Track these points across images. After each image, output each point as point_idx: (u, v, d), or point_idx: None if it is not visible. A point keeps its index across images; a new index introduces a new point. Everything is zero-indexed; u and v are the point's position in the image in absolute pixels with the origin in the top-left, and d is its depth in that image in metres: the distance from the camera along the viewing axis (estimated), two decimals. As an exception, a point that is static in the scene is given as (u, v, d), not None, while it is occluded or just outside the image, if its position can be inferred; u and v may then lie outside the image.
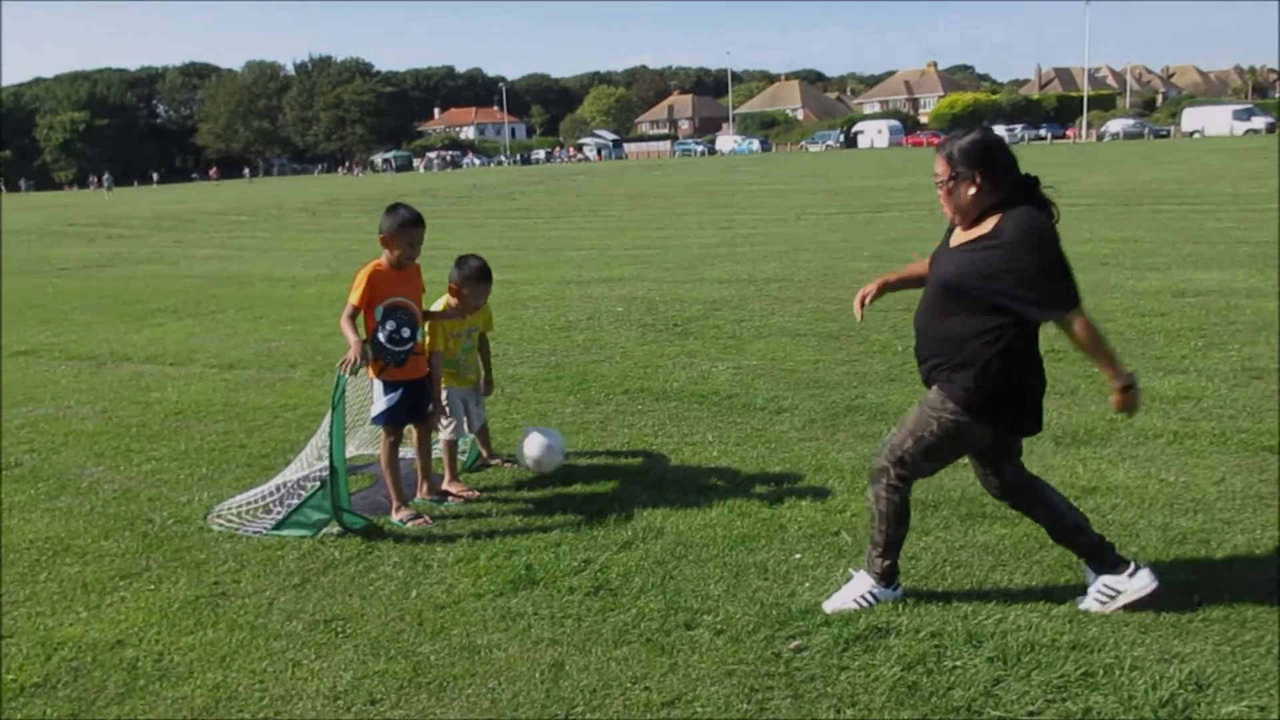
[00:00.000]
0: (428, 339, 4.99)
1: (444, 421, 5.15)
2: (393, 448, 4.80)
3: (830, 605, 3.66)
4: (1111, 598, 3.54)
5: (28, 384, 8.23)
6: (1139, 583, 3.52)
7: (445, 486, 5.12)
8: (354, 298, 4.64)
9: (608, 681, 3.25)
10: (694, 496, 4.86)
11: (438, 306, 5.16)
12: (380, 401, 4.75)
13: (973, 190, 3.33)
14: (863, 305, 3.80)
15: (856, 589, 3.67)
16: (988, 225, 3.33)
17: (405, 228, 4.70)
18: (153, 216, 33.42)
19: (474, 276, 5.13)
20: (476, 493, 5.11)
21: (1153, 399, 6.14)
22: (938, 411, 3.44)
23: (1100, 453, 5.25)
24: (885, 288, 3.82)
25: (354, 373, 4.52)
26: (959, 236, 3.45)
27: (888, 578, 3.66)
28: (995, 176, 3.32)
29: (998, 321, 3.31)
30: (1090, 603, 3.57)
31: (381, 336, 4.70)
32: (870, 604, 3.63)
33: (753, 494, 4.85)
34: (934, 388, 3.48)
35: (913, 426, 3.50)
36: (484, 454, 5.62)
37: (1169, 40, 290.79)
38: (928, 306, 3.51)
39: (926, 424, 3.46)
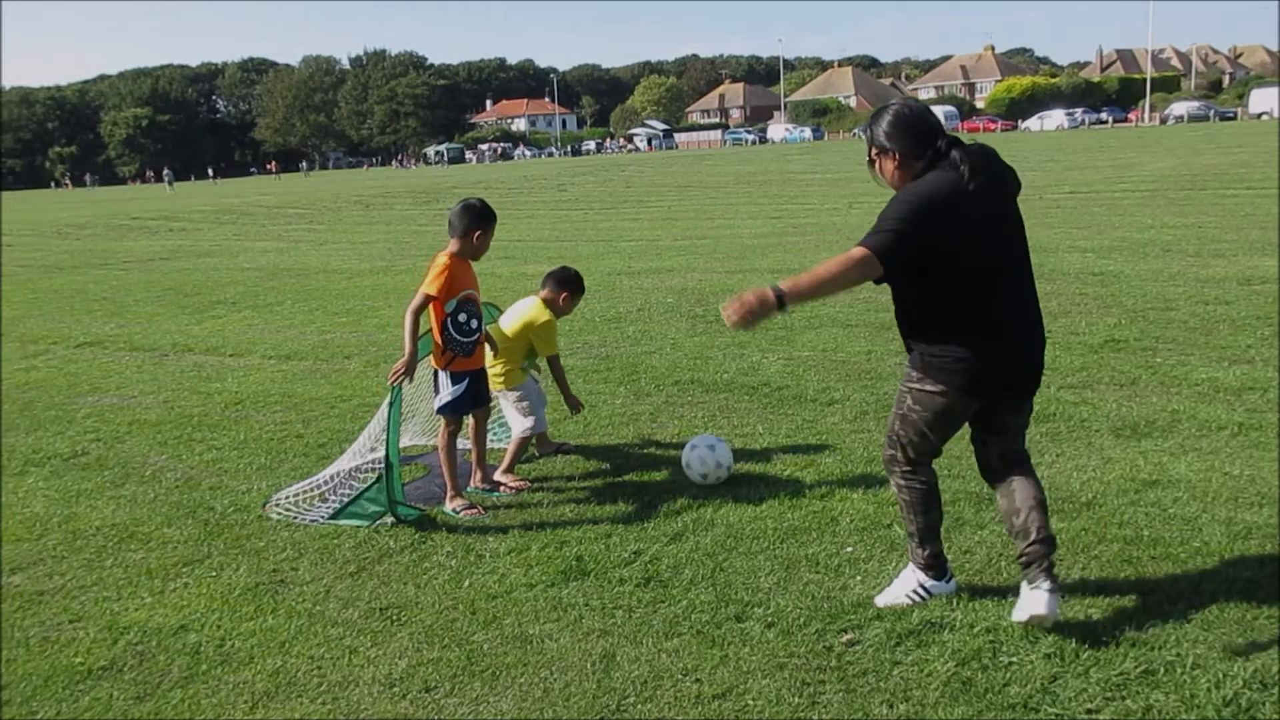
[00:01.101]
0: (542, 342, 5.23)
1: (522, 417, 5.21)
2: (452, 437, 4.86)
3: (882, 600, 3.63)
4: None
5: (94, 374, 8.46)
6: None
7: (498, 476, 5.17)
8: (433, 289, 4.63)
9: (659, 673, 3.26)
10: (744, 488, 4.85)
11: (524, 311, 5.28)
12: (446, 392, 4.80)
13: (892, 165, 3.38)
14: None
15: (907, 584, 3.63)
16: None
17: (491, 223, 4.81)
18: (213, 210, 34.11)
19: (577, 288, 5.38)
20: (528, 484, 5.15)
21: (1217, 390, 5.99)
22: (909, 385, 3.42)
23: (1162, 445, 5.13)
24: None
25: (405, 382, 4.57)
26: None
27: (935, 568, 3.60)
28: (915, 149, 3.32)
29: (935, 285, 3.27)
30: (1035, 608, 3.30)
31: (452, 328, 4.74)
32: (923, 599, 3.59)
33: (804, 486, 4.82)
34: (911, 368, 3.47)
35: (897, 407, 3.49)
36: (537, 450, 5.66)
37: (1237, 18, 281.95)
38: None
39: (903, 400, 3.45)
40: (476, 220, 4.74)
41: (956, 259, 3.24)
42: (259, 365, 8.51)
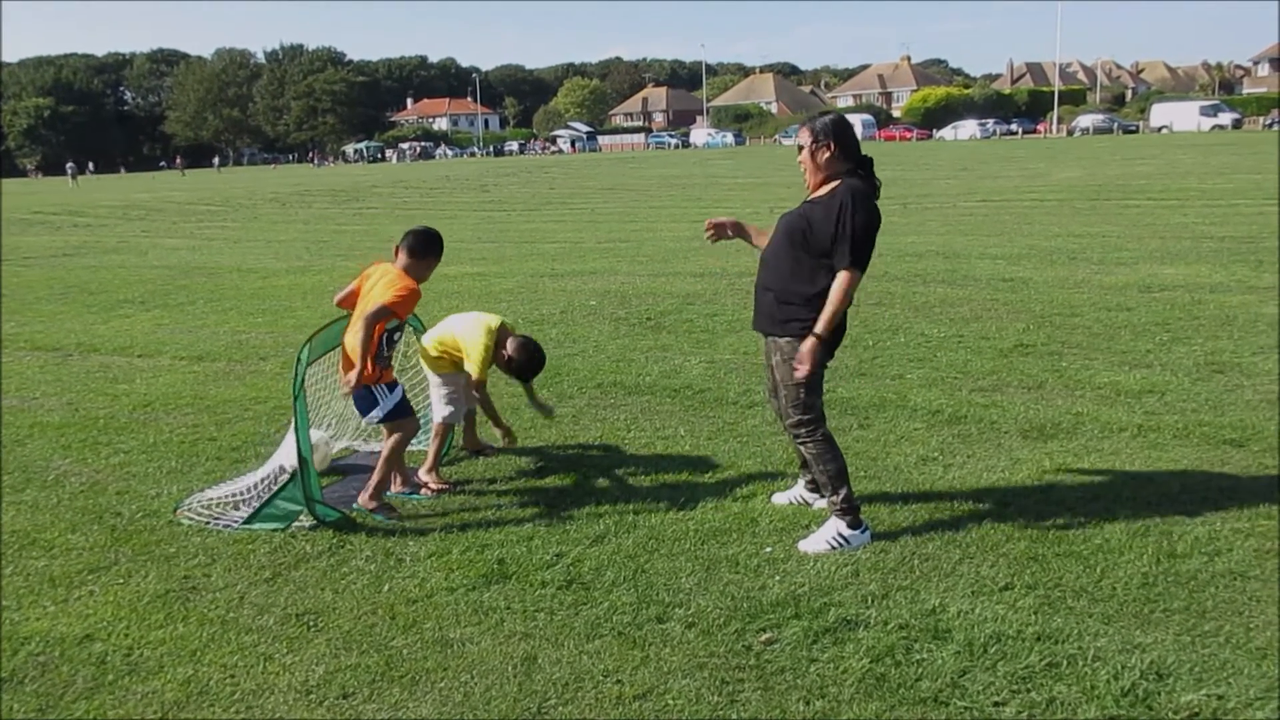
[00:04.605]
0: (477, 370, 5.09)
1: (443, 405, 5.17)
2: (403, 443, 4.82)
3: (805, 545, 4.11)
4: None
5: (-8, 376, 8.11)
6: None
7: (421, 475, 5.12)
8: (400, 310, 4.64)
9: (580, 675, 3.27)
10: (666, 490, 4.88)
11: (475, 324, 5.22)
12: (388, 401, 4.76)
13: (827, 155, 4.06)
14: (714, 231, 4.53)
15: (828, 531, 4.11)
16: (829, 188, 4.06)
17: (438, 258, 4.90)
18: (120, 205, 32.98)
19: (528, 365, 5.23)
20: (450, 485, 5.11)
21: (1118, 393, 6.24)
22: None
23: (1066, 446, 5.33)
24: (737, 229, 4.53)
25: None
26: (808, 196, 4.17)
27: (851, 513, 4.10)
28: (845, 149, 4.07)
29: (828, 264, 3.99)
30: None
31: (384, 344, 4.72)
32: (842, 545, 4.06)
33: (724, 488, 4.88)
34: (784, 340, 4.09)
35: (791, 380, 4.08)
36: (462, 441, 5.62)
37: (1139, 36, 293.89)
38: (775, 249, 4.21)
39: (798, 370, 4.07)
40: (438, 251, 4.85)
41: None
42: (169, 366, 8.26)
